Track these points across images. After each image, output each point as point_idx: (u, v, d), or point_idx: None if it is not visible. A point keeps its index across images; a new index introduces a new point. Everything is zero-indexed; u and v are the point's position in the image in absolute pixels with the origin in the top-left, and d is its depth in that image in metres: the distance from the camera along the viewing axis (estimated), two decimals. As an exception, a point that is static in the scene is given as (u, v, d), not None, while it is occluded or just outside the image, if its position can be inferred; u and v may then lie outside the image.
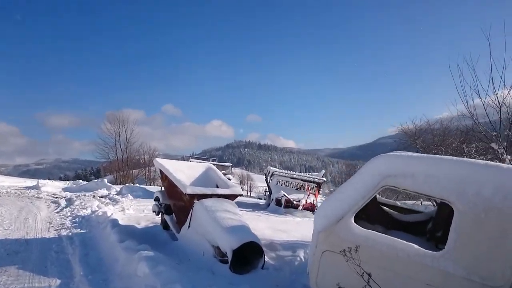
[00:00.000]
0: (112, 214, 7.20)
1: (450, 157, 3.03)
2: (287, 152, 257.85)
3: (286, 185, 14.39)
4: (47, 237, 6.36)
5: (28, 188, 16.13)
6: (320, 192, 15.53)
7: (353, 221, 3.14)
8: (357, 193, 3.13)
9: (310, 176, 15.05)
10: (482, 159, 7.11)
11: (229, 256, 4.30)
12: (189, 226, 5.48)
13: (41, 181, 18.05)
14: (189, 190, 5.36)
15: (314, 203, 13.05)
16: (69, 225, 7.29)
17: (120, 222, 6.76)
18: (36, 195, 12.95)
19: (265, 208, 14.06)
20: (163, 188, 6.69)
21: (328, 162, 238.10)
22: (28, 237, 6.24)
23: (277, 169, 15.21)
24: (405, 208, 4.60)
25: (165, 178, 6.22)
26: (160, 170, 6.41)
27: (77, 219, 7.90)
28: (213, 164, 8.10)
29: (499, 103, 7.59)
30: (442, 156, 3.27)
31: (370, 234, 2.99)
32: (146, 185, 38.24)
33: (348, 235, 3.09)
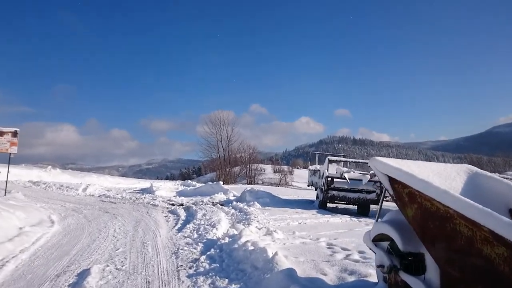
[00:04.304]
0: (276, 253, 4.12)
1: None
2: (384, 146, 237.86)
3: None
4: (180, 296, 3.63)
5: (142, 191, 14.95)
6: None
7: None
8: None
9: None
10: None
11: None
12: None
13: (155, 184, 16.94)
14: None
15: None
16: (206, 265, 4.51)
17: (296, 271, 3.70)
18: (151, 202, 11.22)
19: None
20: (398, 216, 3.28)
21: (432, 155, 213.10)
22: (151, 297, 3.60)
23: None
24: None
25: (412, 197, 2.85)
26: (392, 180, 3.06)
27: (212, 251, 5.17)
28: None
29: None
30: None
31: None
32: (247, 183, 36.71)
33: None
